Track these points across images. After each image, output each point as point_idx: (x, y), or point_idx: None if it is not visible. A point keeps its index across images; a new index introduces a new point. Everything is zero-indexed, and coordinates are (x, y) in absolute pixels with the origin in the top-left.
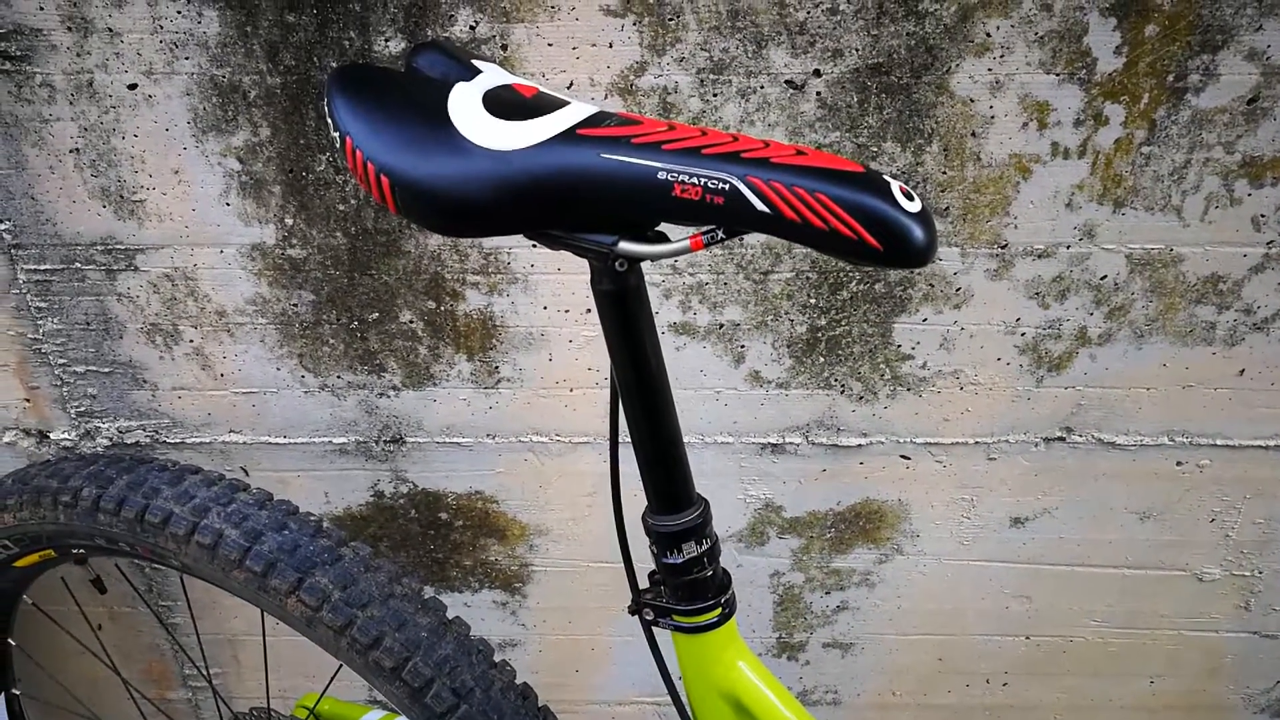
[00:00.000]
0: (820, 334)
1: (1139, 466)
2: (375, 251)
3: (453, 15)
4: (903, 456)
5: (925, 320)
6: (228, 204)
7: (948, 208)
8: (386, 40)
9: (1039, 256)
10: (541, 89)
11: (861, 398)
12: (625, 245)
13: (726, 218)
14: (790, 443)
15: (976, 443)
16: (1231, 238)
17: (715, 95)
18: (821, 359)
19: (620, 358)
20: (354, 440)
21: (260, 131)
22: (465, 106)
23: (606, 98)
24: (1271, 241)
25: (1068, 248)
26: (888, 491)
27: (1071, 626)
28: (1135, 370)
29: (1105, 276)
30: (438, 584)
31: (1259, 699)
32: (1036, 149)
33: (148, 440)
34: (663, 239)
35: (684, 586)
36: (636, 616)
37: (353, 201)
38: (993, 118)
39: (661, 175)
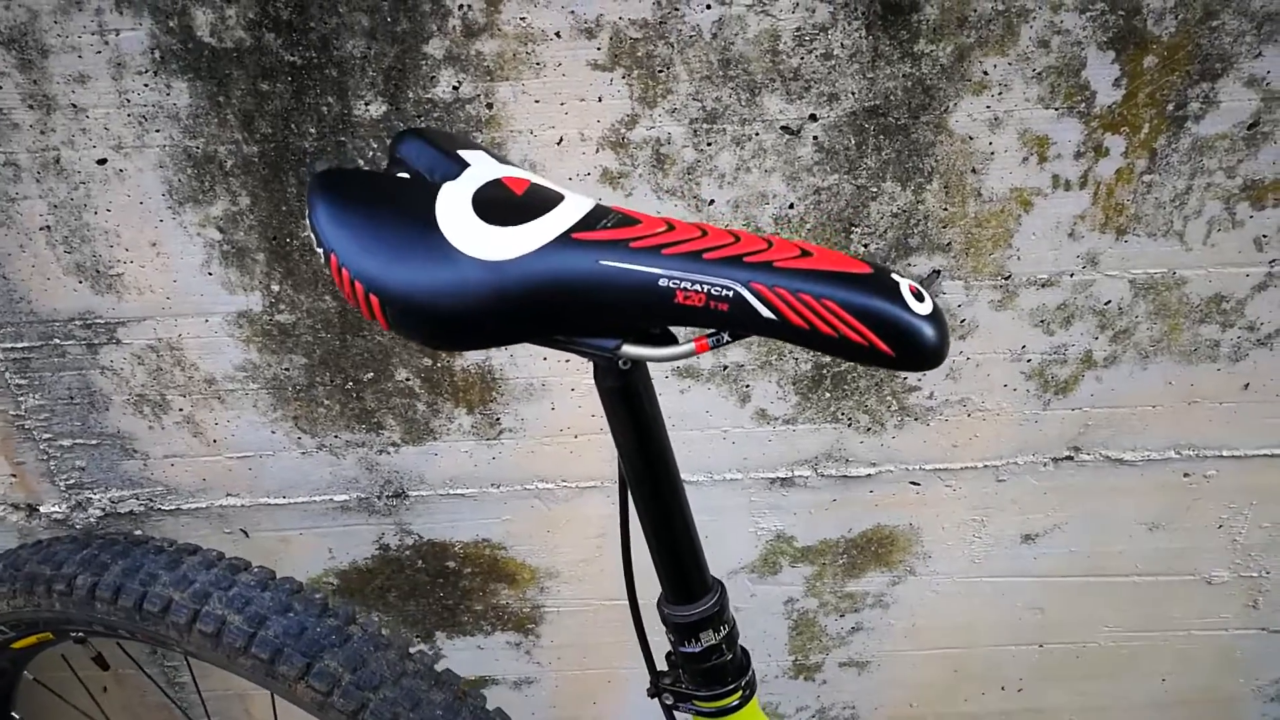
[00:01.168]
0: (825, 370)
1: (1147, 480)
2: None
3: (434, 77)
4: (912, 483)
5: None
6: (210, 273)
7: (950, 243)
8: (366, 104)
9: (1043, 286)
10: (534, 180)
11: (869, 429)
12: (630, 349)
13: (731, 324)
14: (800, 475)
15: (985, 466)
16: (1234, 259)
17: (710, 144)
18: (828, 394)
19: (628, 451)
20: (355, 497)
21: (239, 200)
22: (454, 212)
23: (598, 151)
24: (1274, 260)
25: (1071, 276)
26: (898, 516)
27: (1085, 633)
28: (1141, 389)
29: (1109, 302)
30: (450, 629)
31: (1268, 689)
32: (1037, 182)
33: (142, 509)
34: (669, 339)
35: (703, 673)
36: (656, 700)
37: None
38: (992, 154)
39: (663, 282)
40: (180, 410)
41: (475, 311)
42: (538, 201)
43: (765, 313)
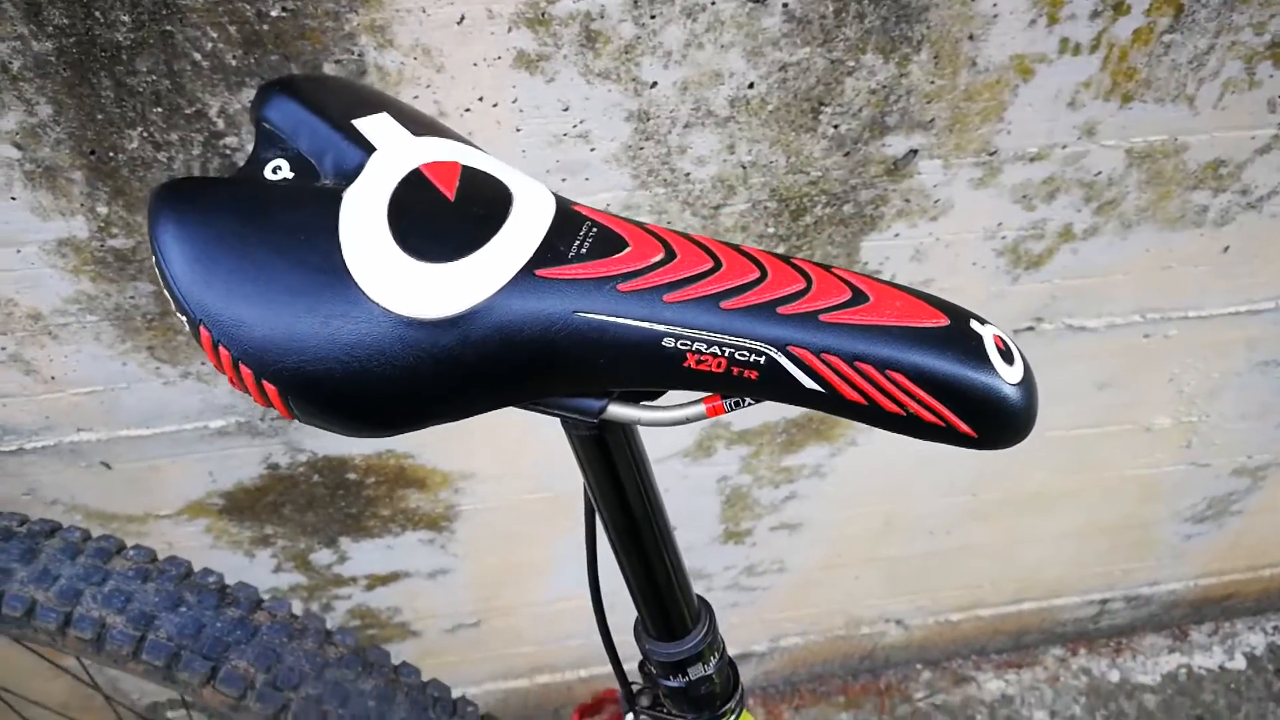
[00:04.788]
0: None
1: (1106, 344)
2: None
3: None
4: None
5: (897, 235)
6: (13, 198)
7: (932, 120)
8: None
9: (1030, 160)
10: (464, 161)
11: None
12: (616, 410)
13: (761, 390)
14: None
15: None
16: (1242, 121)
17: (654, 17)
18: None
19: (606, 502)
20: (234, 421)
21: (38, 110)
22: (366, 242)
23: (510, 31)
24: None
25: (1064, 148)
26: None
27: (1019, 482)
28: (1116, 259)
29: (1100, 173)
30: (355, 534)
31: (1185, 513)
32: (1043, 48)
33: None
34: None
35: (690, 702)
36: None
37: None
38: (996, 16)
39: (668, 343)
40: (3, 349)
41: (409, 393)
42: (479, 209)
43: (809, 384)
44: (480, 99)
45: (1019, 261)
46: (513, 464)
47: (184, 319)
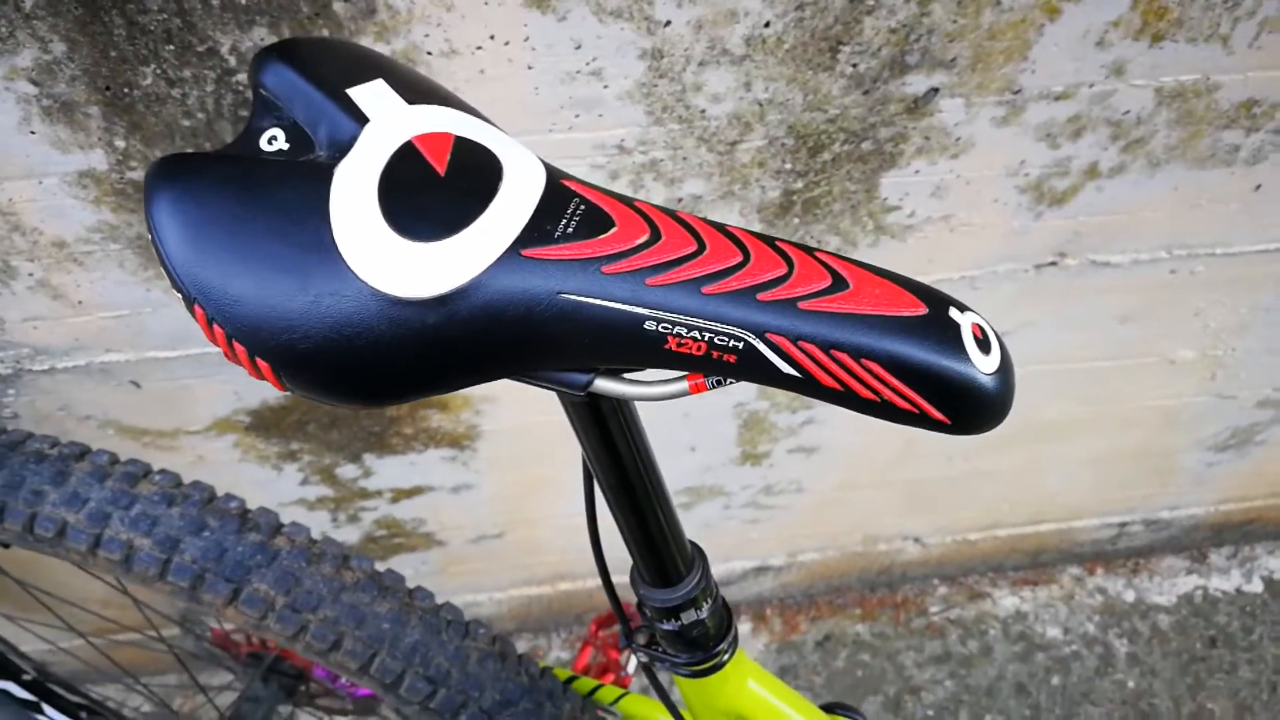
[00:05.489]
0: (795, 196)
1: (1130, 280)
2: None
3: None
4: None
5: (917, 172)
6: (32, 132)
7: (954, 59)
8: None
9: (1056, 99)
10: (457, 132)
11: (839, 250)
12: (602, 385)
13: (740, 373)
14: None
15: (962, 277)
16: (1278, 61)
17: None
18: (796, 220)
19: (601, 465)
20: None
21: (51, 48)
22: (357, 220)
23: None
24: None
25: (1090, 87)
26: None
27: (1039, 412)
28: (1143, 197)
29: (1128, 112)
30: (379, 450)
31: (1207, 442)
32: None
33: (10, 371)
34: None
35: (684, 643)
36: (629, 652)
37: (200, 115)
38: None
39: (649, 325)
40: (31, 275)
41: (396, 369)
42: (469, 184)
43: (785, 368)
44: (492, 37)
45: (1042, 198)
46: (531, 389)
47: (180, 296)
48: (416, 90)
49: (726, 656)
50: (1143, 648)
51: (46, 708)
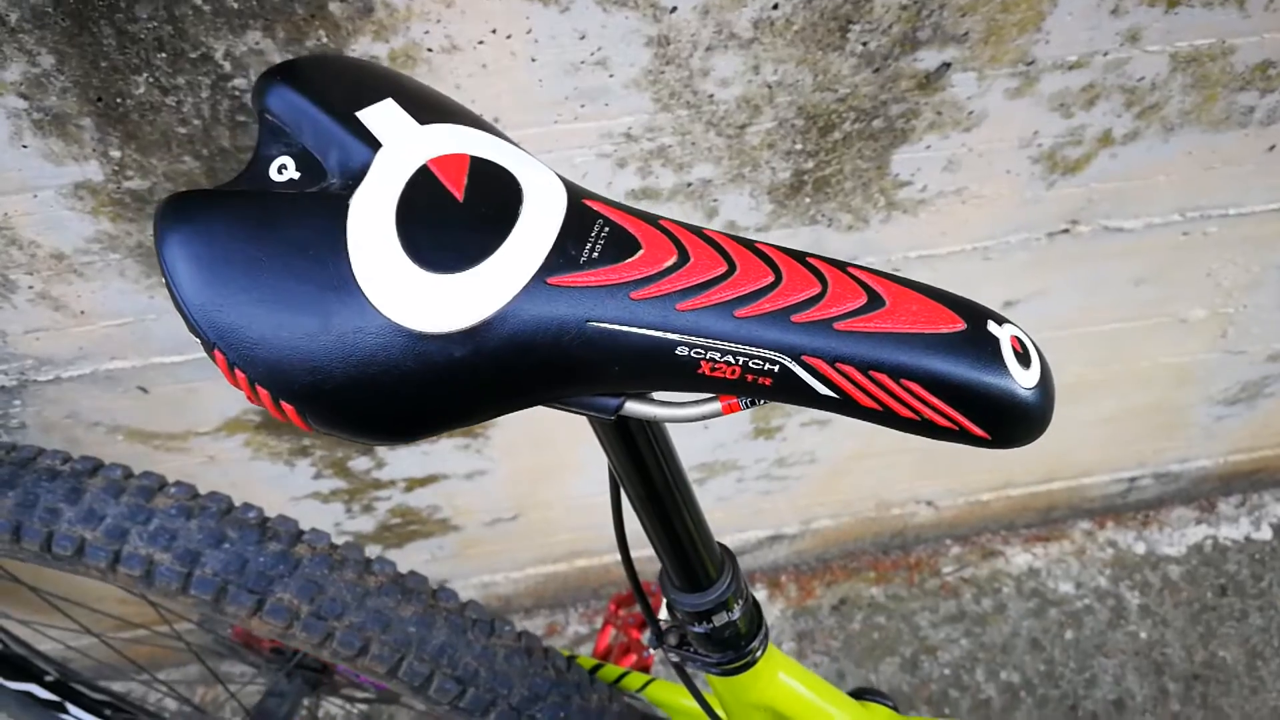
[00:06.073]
0: (806, 176)
1: (1143, 243)
2: (242, 167)
3: None
4: (893, 270)
5: (929, 147)
6: (24, 146)
7: (966, 33)
8: None
9: (1069, 69)
10: (473, 153)
11: (851, 227)
12: (634, 407)
13: (775, 394)
14: None
15: (974, 248)
16: None
17: None
18: (808, 199)
19: (629, 479)
20: None
21: (40, 61)
22: (376, 253)
23: None
24: None
25: (1105, 55)
26: None
27: (1055, 373)
28: (1157, 161)
29: (1142, 79)
30: None
31: (1217, 397)
32: None
33: (14, 383)
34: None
35: (715, 644)
36: (660, 650)
37: (196, 122)
38: None
39: (681, 351)
40: (31, 288)
41: (424, 405)
42: (488, 211)
43: (822, 390)
44: (493, 31)
45: (1055, 167)
46: None
47: (199, 340)
48: (427, 108)
49: (759, 654)
50: (1154, 599)
51: (71, 707)
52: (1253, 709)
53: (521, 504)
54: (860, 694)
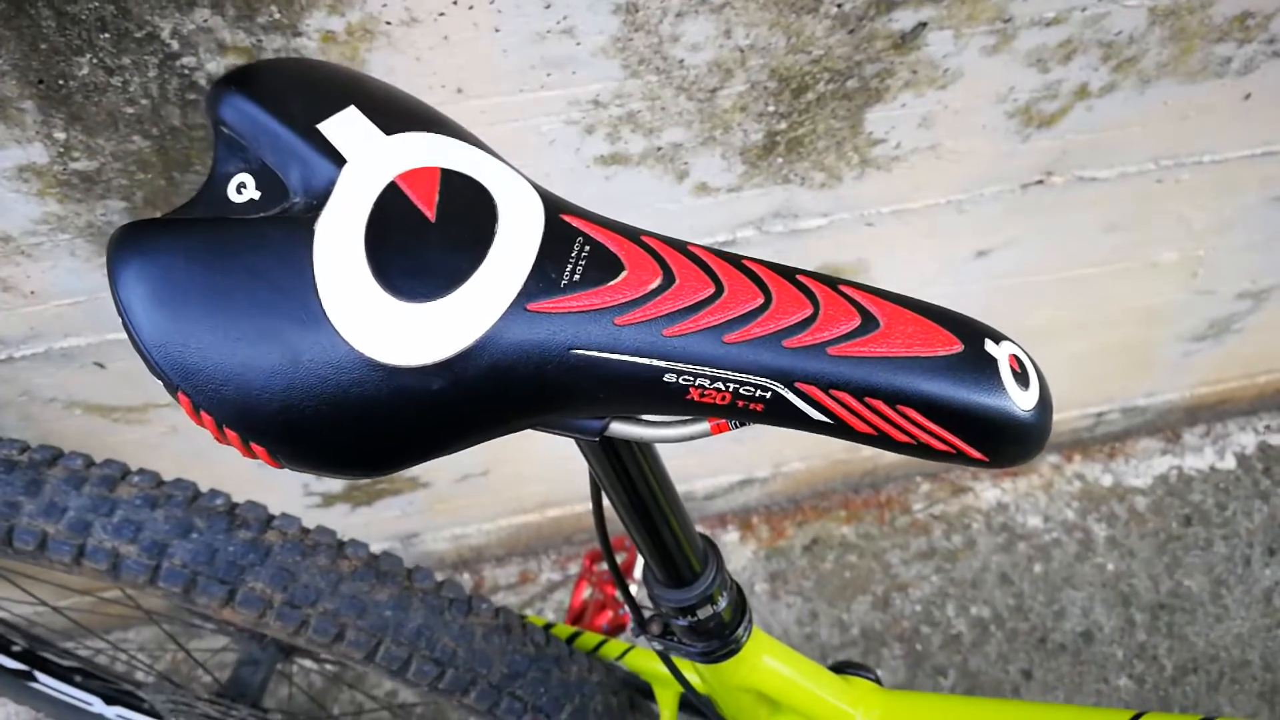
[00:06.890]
0: (779, 137)
1: (1116, 191)
2: (195, 145)
3: None
4: (867, 225)
5: (904, 106)
6: None
7: None
8: None
9: (1047, 25)
10: (443, 167)
11: (824, 185)
12: (619, 428)
13: (767, 419)
14: (742, 237)
15: (948, 202)
16: None
17: None
18: (780, 160)
19: (612, 487)
20: None
21: None
22: (347, 287)
23: None
24: None
25: (1083, 10)
26: (848, 254)
27: (1024, 318)
28: (1132, 113)
29: (1120, 32)
30: None
31: (1186, 334)
32: None
33: None
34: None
35: (700, 635)
36: (643, 636)
37: (144, 102)
38: None
39: (670, 379)
40: None
41: (401, 439)
42: (462, 230)
43: (816, 416)
44: (454, 2)
45: (1030, 121)
46: None
47: (161, 383)
48: (392, 113)
49: (743, 640)
50: (1120, 530)
51: (39, 675)
52: (1217, 636)
53: (492, 459)
54: (842, 668)
